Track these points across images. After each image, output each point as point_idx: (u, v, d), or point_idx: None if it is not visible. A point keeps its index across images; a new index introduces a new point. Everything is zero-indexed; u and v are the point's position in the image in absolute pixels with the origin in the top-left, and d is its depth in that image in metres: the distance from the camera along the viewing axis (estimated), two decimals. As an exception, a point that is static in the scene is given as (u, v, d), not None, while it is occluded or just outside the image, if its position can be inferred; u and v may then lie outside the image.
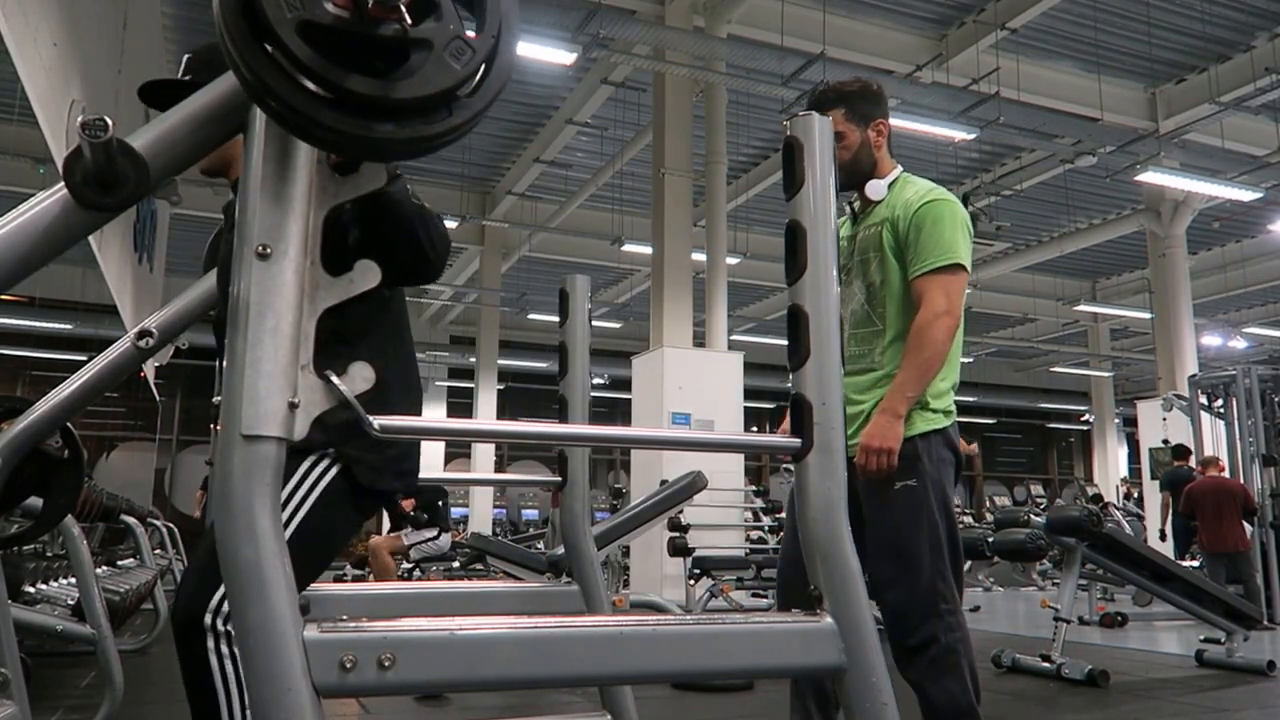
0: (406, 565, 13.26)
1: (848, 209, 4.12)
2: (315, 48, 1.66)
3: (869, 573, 3.62)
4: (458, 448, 31.84)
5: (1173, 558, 14.63)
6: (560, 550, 5.51)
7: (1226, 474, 13.92)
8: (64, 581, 7.62)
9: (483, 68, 1.81)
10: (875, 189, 3.93)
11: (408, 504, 12.63)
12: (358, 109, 1.72)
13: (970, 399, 37.72)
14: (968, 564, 14.51)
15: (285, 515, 2.72)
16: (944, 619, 3.51)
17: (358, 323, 2.99)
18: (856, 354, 3.90)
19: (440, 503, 13.19)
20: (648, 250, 18.18)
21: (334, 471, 2.84)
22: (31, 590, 6.84)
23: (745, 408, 16.51)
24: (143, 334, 2.25)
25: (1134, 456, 29.91)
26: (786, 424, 3.48)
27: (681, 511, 10.79)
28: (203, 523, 18.82)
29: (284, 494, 2.74)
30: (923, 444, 3.65)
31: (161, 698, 6.54)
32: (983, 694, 3.55)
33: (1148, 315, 23.88)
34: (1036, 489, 38.99)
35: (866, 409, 3.76)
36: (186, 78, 3.04)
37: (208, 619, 2.61)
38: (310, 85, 1.67)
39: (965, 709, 3.46)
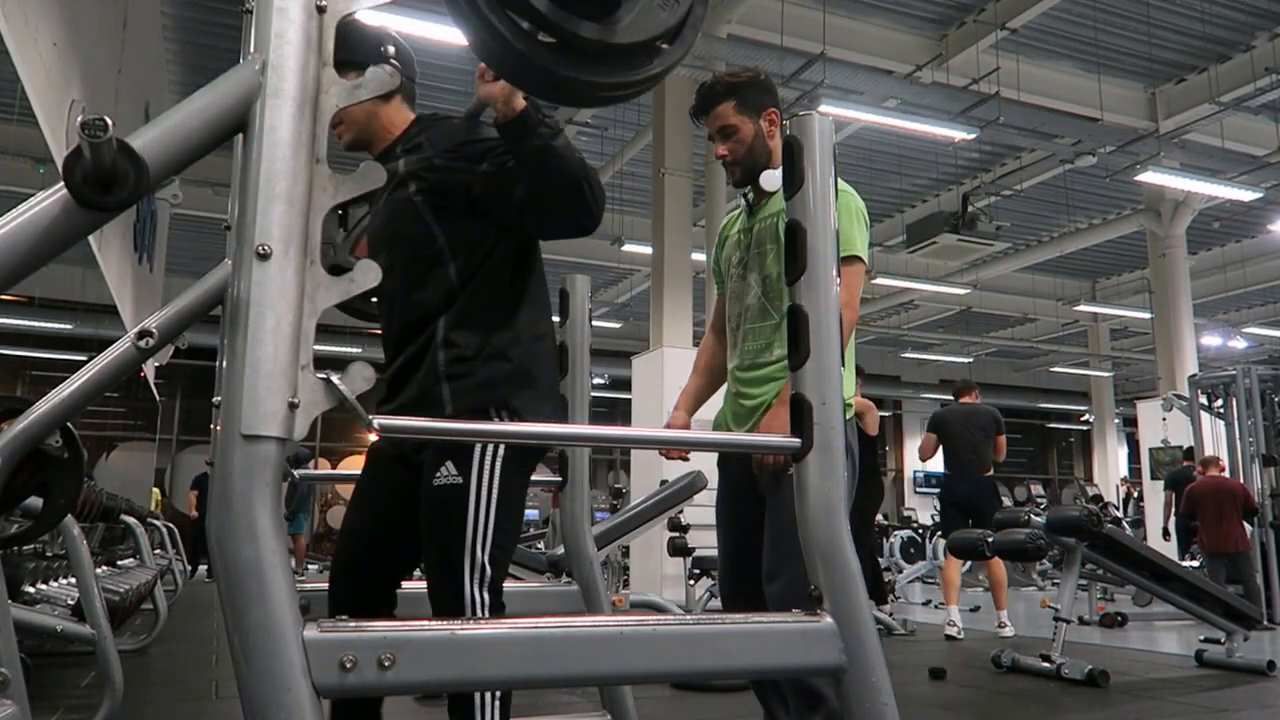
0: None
1: (743, 201, 4.02)
2: None
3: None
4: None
5: (1177, 557, 14.71)
6: (560, 550, 5.51)
7: (1227, 474, 13.92)
8: (64, 581, 7.62)
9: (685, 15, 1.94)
10: (770, 180, 3.82)
11: None
12: (578, 55, 1.82)
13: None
14: (967, 564, 14.50)
15: (482, 482, 2.96)
16: None
17: (505, 291, 3.18)
18: (754, 349, 3.84)
19: None
20: (648, 250, 18.17)
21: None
22: (31, 590, 6.84)
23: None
24: (143, 334, 2.25)
25: (1134, 456, 29.92)
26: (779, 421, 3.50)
27: (681, 511, 10.78)
28: (200, 524, 18.86)
29: (474, 470, 2.94)
30: None
31: (162, 698, 6.54)
32: (983, 694, 3.55)
33: (1148, 315, 23.89)
34: (1036, 489, 38.95)
35: (767, 400, 3.73)
36: None
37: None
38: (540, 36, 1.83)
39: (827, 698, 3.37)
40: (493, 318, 3.14)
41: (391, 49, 3.31)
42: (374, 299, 3.58)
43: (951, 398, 12.48)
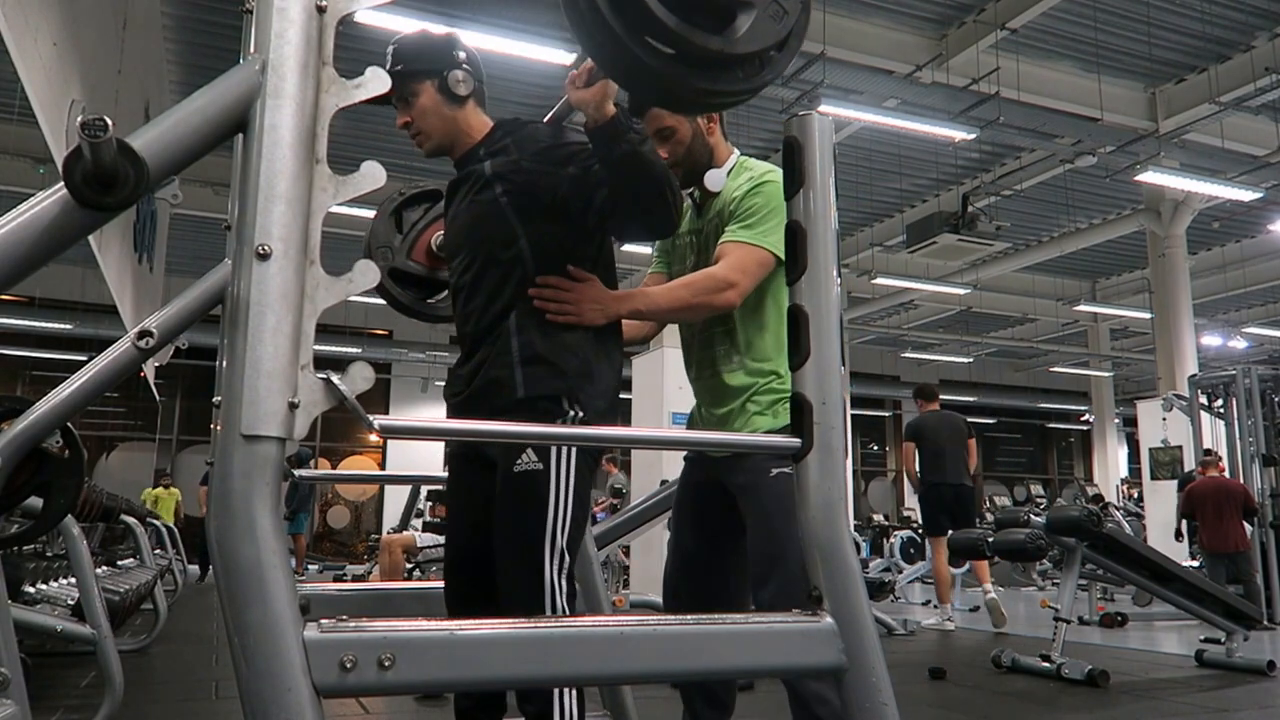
0: (408, 565, 13.30)
1: (690, 202, 3.91)
2: (666, 6, 1.93)
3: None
4: (458, 448, 31.84)
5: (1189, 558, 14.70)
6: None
7: (1227, 474, 13.94)
8: (64, 581, 7.61)
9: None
10: (714, 179, 3.73)
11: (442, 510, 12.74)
12: (697, 63, 1.92)
13: (970, 399, 37.74)
14: (966, 564, 14.52)
15: (561, 468, 3.07)
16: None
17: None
18: (711, 357, 3.75)
19: None
20: (648, 250, 18.12)
21: (580, 420, 3.12)
22: (31, 590, 6.84)
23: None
24: (143, 334, 2.25)
25: (1134, 456, 29.89)
26: None
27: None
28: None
29: (553, 458, 3.06)
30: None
31: (162, 698, 6.54)
32: (982, 694, 3.54)
33: (1148, 315, 23.88)
34: (1036, 489, 38.92)
35: (735, 407, 3.64)
36: (398, 68, 3.31)
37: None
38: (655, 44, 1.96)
39: (830, 701, 3.33)
40: None
41: (462, 54, 3.38)
42: (450, 296, 3.66)
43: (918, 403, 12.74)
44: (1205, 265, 26.47)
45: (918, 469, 12.03)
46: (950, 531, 10.59)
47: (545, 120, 3.38)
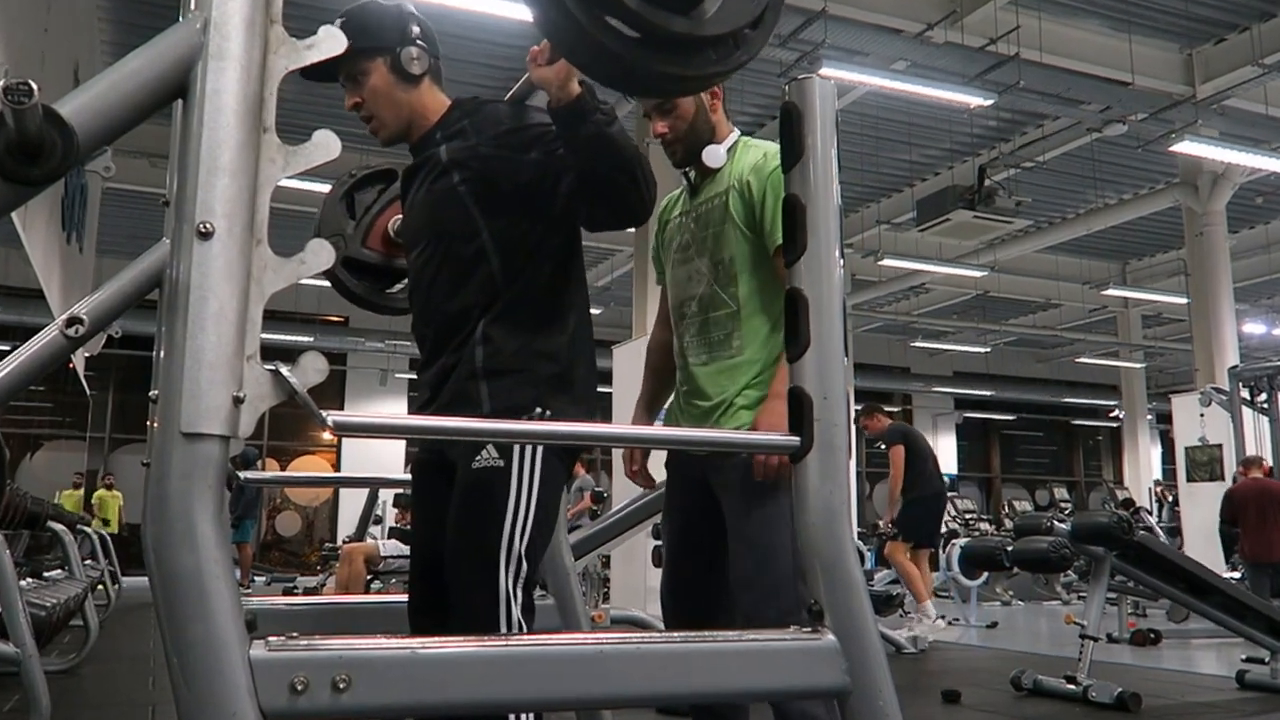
0: (366, 576, 13.28)
1: (684, 180, 3.99)
2: None
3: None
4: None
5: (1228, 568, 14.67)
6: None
7: (1272, 475, 13.90)
8: (-17, 595, 7.61)
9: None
10: (714, 156, 3.79)
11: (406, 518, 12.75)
12: (663, 46, 1.92)
13: (987, 393, 37.78)
14: (984, 575, 14.58)
15: (524, 467, 3.07)
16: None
17: (548, 289, 3.29)
18: (710, 341, 3.80)
19: None
20: (630, 229, 18.12)
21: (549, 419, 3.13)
22: (-53, 605, 6.84)
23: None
24: (72, 321, 2.25)
25: (1168, 457, 29.96)
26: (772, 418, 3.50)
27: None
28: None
29: (515, 456, 3.05)
30: None
31: (92, 724, 6.55)
32: (1001, 719, 3.54)
33: (1183, 300, 23.86)
34: (1060, 492, 38.97)
35: (728, 399, 3.69)
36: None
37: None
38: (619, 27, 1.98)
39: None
40: (536, 317, 3.23)
41: (416, 29, 3.37)
42: (408, 292, 3.69)
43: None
44: (1247, 245, 26.48)
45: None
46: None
47: (507, 99, 3.39)
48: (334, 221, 3.98)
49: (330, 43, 1.77)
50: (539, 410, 3.11)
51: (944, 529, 13.58)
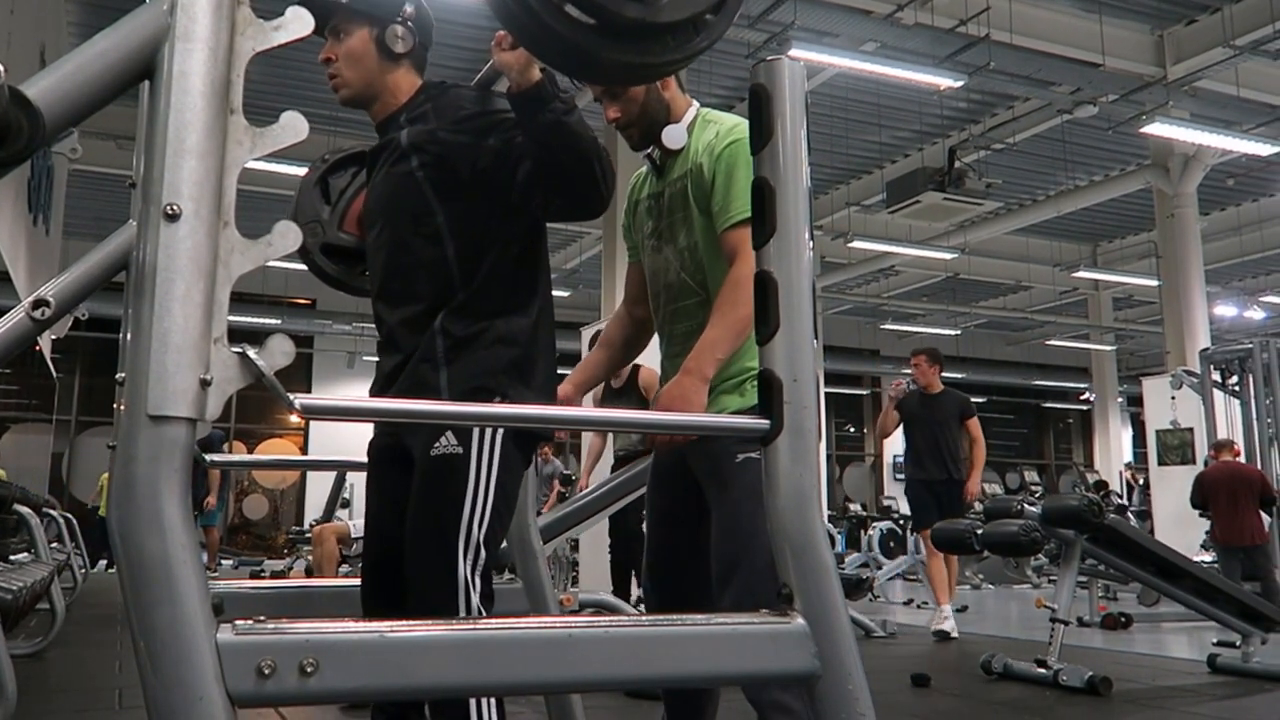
0: (339, 556, 13.25)
1: (649, 163, 3.97)
2: None
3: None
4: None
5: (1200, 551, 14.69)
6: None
7: (1242, 459, 13.90)
8: (-54, 580, 7.59)
9: None
10: (674, 136, 3.73)
11: None
12: (621, 35, 1.93)
13: (957, 375, 37.71)
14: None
15: (483, 453, 3.09)
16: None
17: (508, 276, 3.31)
18: (683, 331, 3.77)
19: None
20: (589, 220, 18.07)
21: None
22: (-91, 590, 6.82)
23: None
24: (38, 303, 2.25)
25: (1139, 440, 30.05)
26: None
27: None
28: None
29: (474, 442, 3.08)
30: None
31: (59, 707, 6.52)
32: (971, 703, 3.56)
33: (1154, 282, 23.90)
34: (1031, 475, 39.11)
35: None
36: None
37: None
38: (576, 14, 1.99)
39: (793, 710, 3.32)
40: (494, 304, 3.24)
41: (410, 9, 3.41)
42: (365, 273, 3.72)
43: None
44: (1218, 227, 26.55)
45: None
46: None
47: (473, 84, 3.41)
48: (309, 208, 3.97)
49: (297, 24, 1.76)
50: (498, 399, 3.12)
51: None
